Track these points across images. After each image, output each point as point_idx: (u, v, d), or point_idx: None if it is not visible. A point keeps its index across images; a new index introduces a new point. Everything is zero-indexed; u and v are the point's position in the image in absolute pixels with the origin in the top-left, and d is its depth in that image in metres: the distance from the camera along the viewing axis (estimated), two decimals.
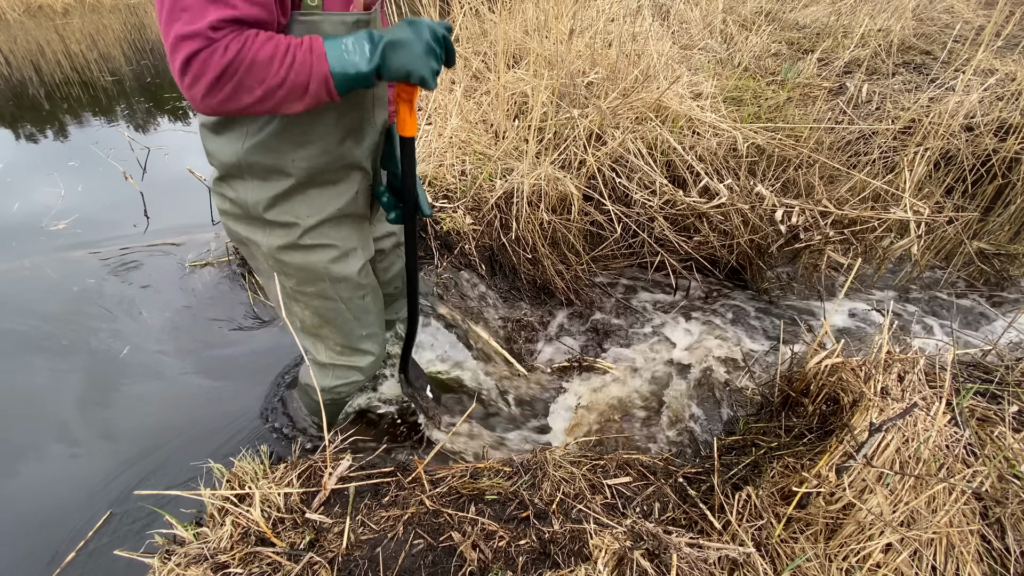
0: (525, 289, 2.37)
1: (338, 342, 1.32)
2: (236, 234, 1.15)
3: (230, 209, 1.10)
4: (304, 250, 1.13)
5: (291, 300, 1.23)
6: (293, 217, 1.08)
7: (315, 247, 1.13)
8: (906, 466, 1.17)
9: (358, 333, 1.32)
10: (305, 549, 1.07)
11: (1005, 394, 1.45)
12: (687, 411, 1.92)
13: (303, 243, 1.11)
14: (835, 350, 1.48)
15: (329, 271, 1.17)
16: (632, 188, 2.33)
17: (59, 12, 8.23)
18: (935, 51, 3.73)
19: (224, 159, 1.01)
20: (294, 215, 1.08)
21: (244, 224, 1.12)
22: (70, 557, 1.35)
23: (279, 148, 0.99)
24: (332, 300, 1.22)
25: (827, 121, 2.87)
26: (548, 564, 1.06)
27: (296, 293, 1.21)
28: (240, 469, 1.24)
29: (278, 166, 1.01)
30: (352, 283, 1.22)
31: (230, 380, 1.87)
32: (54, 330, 2.05)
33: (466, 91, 2.68)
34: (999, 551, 1.15)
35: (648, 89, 2.49)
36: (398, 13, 2.72)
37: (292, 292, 1.21)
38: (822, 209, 2.22)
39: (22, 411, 1.76)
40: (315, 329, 1.29)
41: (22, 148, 3.83)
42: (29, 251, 2.50)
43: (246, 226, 1.12)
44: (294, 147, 0.99)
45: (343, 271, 1.18)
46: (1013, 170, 2.72)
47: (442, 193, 2.29)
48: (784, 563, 1.08)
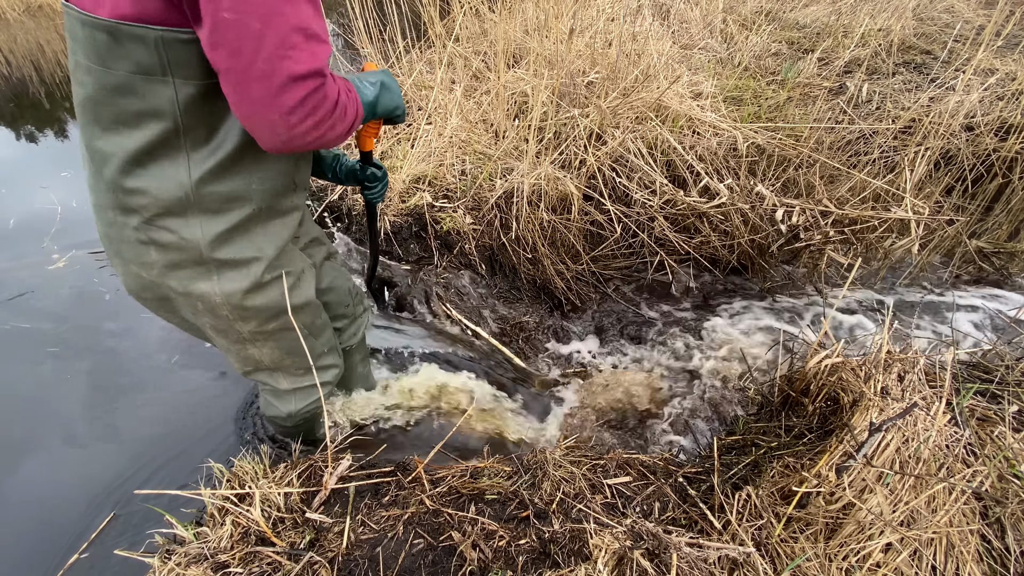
0: (525, 289, 2.37)
1: (300, 366, 1.23)
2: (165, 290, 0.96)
3: (160, 260, 0.91)
4: (266, 287, 1.01)
5: (247, 345, 1.10)
6: (254, 251, 0.96)
7: (274, 280, 1.02)
8: (906, 466, 1.17)
9: (320, 351, 1.27)
10: (305, 549, 1.08)
11: (1005, 394, 1.45)
12: (687, 411, 1.92)
13: (265, 280, 1.00)
14: (835, 350, 1.48)
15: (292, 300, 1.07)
16: (632, 188, 2.33)
17: (59, 12, 8.22)
18: (935, 51, 3.73)
19: (161, 195, 0.84)
20: (255, 249, 0.96)
21: (183, 275, 0.93)
22: (74, 558, 1.35)
23: (238, 171, 0.88)
24: (293, 330, 1.11)
25: (827, 121, 2.87)
26: (548, 564, 1.06)
27: (256, 335, 1.08)
28: (240, 469, 1.24)
29: (237, 192, 0.90)
30: (312, 307, 1.16)
31: (232, 379, 1.87)
32: (55, 330, 2.05)
33: (466, 91, 2.68)
34: (999, 551, 1.16)
35: (648, 89, 2.49)
36: (398, 13, 2.72)
37: (251, 335, 1.08)
38: (822, 209, 2.22)
39: (23, 411, 1.76)
40: (276, 363, 1.20)
41: (22, 147, 3.82)
42: (29, 251, 2.50)
43: (186, 278, 0.93)
44: (254, 167, 0.90)
45: (303, 297, 1.11)
46: (1013, 169, 2.72)
47: (442, 193, 2.29)
48: (784, 563, 1.08)
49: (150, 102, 0.78)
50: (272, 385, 1.27)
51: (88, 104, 0.80)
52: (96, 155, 0.84)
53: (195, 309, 1.00)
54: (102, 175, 0.85)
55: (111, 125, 0.81)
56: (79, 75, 0.78)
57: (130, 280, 0.99)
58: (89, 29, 0.73)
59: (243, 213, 0.92)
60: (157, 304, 1.04)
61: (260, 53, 0.69)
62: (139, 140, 0.80)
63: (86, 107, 0.81)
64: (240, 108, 0.75)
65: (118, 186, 0.84)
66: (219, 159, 0.85)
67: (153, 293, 1.00)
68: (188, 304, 0.99)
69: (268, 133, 0.76)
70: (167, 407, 1.77)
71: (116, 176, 0.84)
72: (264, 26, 0.68)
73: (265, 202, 0.94)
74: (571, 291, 2.37)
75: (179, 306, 1.02)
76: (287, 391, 1.29)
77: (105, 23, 0.71)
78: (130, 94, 0.77)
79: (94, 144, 0.83)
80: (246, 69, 0.70)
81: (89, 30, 0.73)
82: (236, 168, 0.88)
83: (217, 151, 0.85)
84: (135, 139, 0.80)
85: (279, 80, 0.71)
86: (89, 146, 0.84)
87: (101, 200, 0.88)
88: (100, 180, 0.86)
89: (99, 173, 0.86)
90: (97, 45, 0.74)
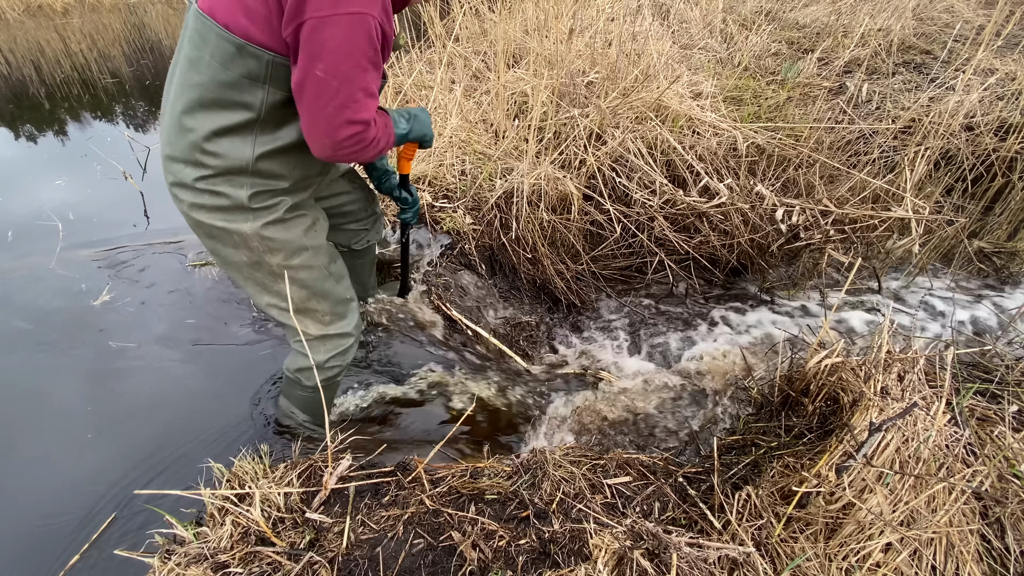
0: (525, 289, 2.37)
1: (327, 311, 1.40)
2: (211, 228, 1.21)
3: (211, 203, 1.17)
4: (286, 223, 1.25)
5: (278, 279, 1.30)
6: (276, 199, 1.23)
7: (294, 219, 1.27)
8: (906, 466, 1.17)
9: (343, 296, 1.43)
10: (305, 549, 1.08)
11: (1005, 394, 1.45)
12: (687, 411, 1.92)
13: (285, 217, 1.24)
14: (835, 350, 1.48)
15: (308, 239, 1.30)
16: (632, 188, 2.33)
17: (59, 12, 8.22)
18: (935, 51, 3.73)
19: (229, 161, 1.12)
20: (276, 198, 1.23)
21: (226, 216, 1.19)
22: (75, 559, 1.36)
23: (287, 158, 1.17)
24: (316, 268, 1.34)
25: (827, 121, 2.87)
26: (548, 564, 1.06)
27: (284, 268, 1.28)
28: (240, 469, 1.24)
29: (279, 172, 1.18)
30: (326, 249, 1.37)
31: (232, 379, 1.87)
32: (56, 330, 2.05)
33: (466, 91, 2.68)
34: (999, 551, 1.16)
35: (648, 89, 2.49)
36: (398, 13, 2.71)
37: (280, 268, 1.28)
38: (822, 208, 2.22)
39: (24, 412, 1.76)
40: (304, 303, 1.36)
41: (22, 147, 3.83)
42: (29, 250, 2.50)
43: (228, 218, 1.19)
44: (298, 157, 1.18)
45: (318, 239, 1.34)
46: (1013, 169, 2.72)
47: (442, 193, 2.29)
48: (784, 563, 1.08)
49: (247, 98, 1.06)
50: (304, 332, 1.39)
51: (199, 88, 1.05)
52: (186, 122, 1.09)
53: (234, 243, 1.23)
54: (185, 137, 1.10)
55: (210, 105, 1.06)
56: (200, 66, 1.03)
57: (187, 219, 1.22)
58: (222, 40, 0.99)
59: (279, 185, 1.20)
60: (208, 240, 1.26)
61: (332, 102, 1.01)
62: (227, 120, 1.07)
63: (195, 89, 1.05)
64: (306, 128, 1.06)
65: (199, 148, 1.10)
66: (276, 146, 1.13)
67: (203, 231, 1.23)
68: (228, 239, 1.23)
69: (319, 147, 1.08)
70: (168, 408, 1.77)
71: (199, 140, 1.09)
72: (340, 85, 0.99)
73: (294, 181, 1.23)
74: (571, 291, 2.37)
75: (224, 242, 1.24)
76: (316, 338, 1.41)
77: (237, 41, 0.99)
78: (235, 89, 1.04)
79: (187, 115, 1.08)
80: (320, 109, 1.01)
81: (222, 41, 0.99)
82: (285, 156, 1.16)
83: (276, 140, 1.13)
84: (224, 119, 1.07)
85: (339, 121, 1.03)
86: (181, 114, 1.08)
87: (176, 153, 1.13)
88: (181, 140, 1.11)
89: (182, 135, 1.10)
90: (223, 51, 1.00)
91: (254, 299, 1.38)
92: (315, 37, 0.95)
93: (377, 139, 1.14)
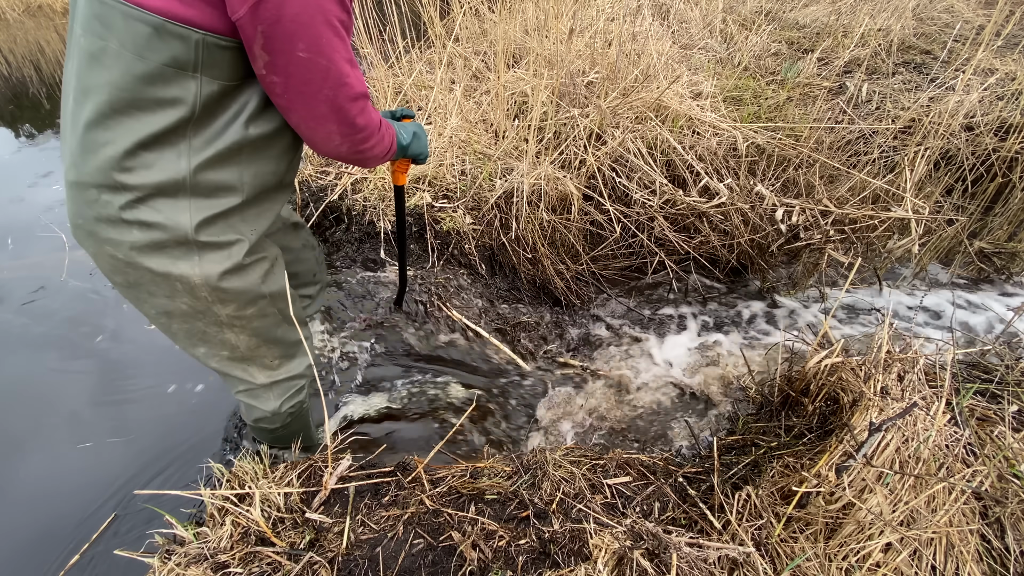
0: (525, 289, 2.37)
1: (276, 355, 1.23)
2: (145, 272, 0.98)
3: (142, 239, 0.94)
4: (244, 270, 1.05)
5: (224, 329, 1.10)
6: (236, 235, 1.01)
7: (253, 263, 1.07)
8: (906, 466, 1.17)
9: (293, 338, 1.26)
10: (305, 549, 1.08)
11: (1005, 394, 1.45)
12: (687, 411, 1.92)
13: (244, 263, 1.04)
14: (835, 349, 1.48)
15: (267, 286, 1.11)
16: (632, 188, 2.33)
17: (59, 12, 8.22)
18: (935, 51, 3.73)
19: (158, 177, 0.90)
20: (236, 232, 1.01)
21: (165, 256, 0.96)
22: (75, 559, 1.36)
23: (233, 163, 0.95)
24: (271, 316, 1.16)
25: (827, 121, 2.87)
26: (548, 564, 1.06)
27: (233, 320, 1.09)
28: (240, 469, 1.24)
29: (228, 183, 0.96)
30: (286, 294, 1.17)
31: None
32: (56, 330, 2.05)
33: (466, 91, 2.68)
34: (999, 551, 1.16)
35: (648, 89, 2.49)
36: (398, 13, 2.72)
37: (229, 319, 1.08)
38: (822, 208, 2.22)
39: (25, 412, 1.76)
40: (251, 351, 1.18)
41: (22, 147, 3.83)
42: (30, 250, 2.50)
43: (168, 258, 0.97)
44: (248, 162, 0.97)
45: (278, 284, 1.15)
46: (1013, 169, 2.72)
47: (442, 193, 2.29)
48: (784, 563, 1.08)
49: (175, 92, 0.84)
50: (248, 381, 1.23)
51: (107, 89, 0.84)
52: (96, 135, 0.87)
53: (173, 291, 1.01)
54: (97, 154, 0.88)
55: (126, 109, 0.85)
56: (105, 60, 0.82)
57: (103, 262, 1.00)
58: (132, 21, 0.78)
59: (231, 202, 0.98)
60: (127, 289, 1.04)
61: (327, 82, 0.87)
62: (151, 125, 0.86)
63: (102, 90, 0.84)
64: (304, 121, 0.91)
65: (117, 166, 0.88)
66: (218, 150, 0.91)
67: (125, 277, 1.00)
68: (166, 286, 1.00)
69: (325, 140, 0.94)
70: (168, 408, 1.77)
71: (118, 156, 0.87)
72: (328, 62, 0.85)
73: (252, 194, 1.00)
74: (571, 291, 2.37)
75: (153, 291, 1.01)
76: (264, 386, 1.25)
77: (153, 19, 0.78)
78: (159, 82, 0.83)
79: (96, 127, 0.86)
80: (315, 93, 0.87)
81: (132, 22, 0.78)
82: (231, 161, 0.94)
83: (215, 143, 0.91)
84: (147, 124, 0.86)
85: (342, 100, 0.90)
86: (87, 125, 0.87)
87: (87, 178, 0.90)
88: (92, 159, 0.88)
89: (93, 152, 0.88)
90: (135, 35, 0.79)
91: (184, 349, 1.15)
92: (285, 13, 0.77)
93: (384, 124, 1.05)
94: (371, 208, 2.23)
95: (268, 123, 0.95)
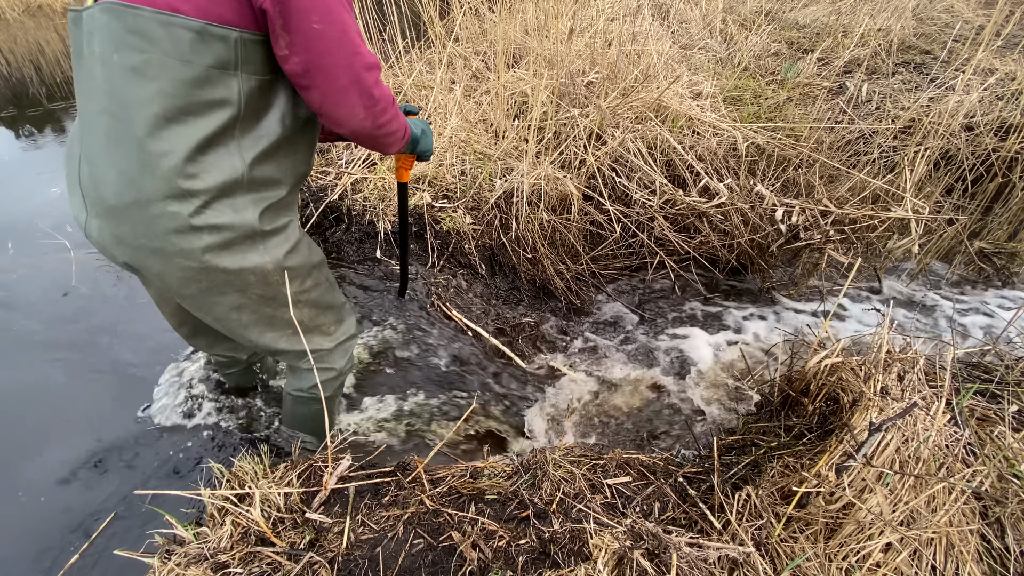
0: (525, 289, 2.37)
1: (332, 320, 1.34)
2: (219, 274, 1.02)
3: (217, 241, 0.98)
4: (298, 247, 1.15)
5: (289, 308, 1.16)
6: (287, 217, 1.11)
7: (301, 239, 1.17)
8: (906, 466, 1.17)
9: (341, 301, 1.37)
10: (305, 549, 1.08)
11: (1005, 394, 1.45)
12: (687, 411, 1.92)
13: (300, 238, 1.15)
14: (835, 349, 1.48)
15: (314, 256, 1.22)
16: (632, 188, 2.33)
17: (59, 12, 8.22)
18: (935, 51, 3.73)
19: (220, 179, 0.94)
20: (287, 215, 1.12)
21: (239, 252, 1.02)
22: (75, 558, 1.36)
23: (279, 158, 1.02)
24: (322, 284, 1.26)
25: (827, 121, 2.87)
26: (548, 564, 1.06)
27: (298, 296, 1.18)
28: (240, 469, 1.24)
29: (277, 177, 1.03)
30: (324, 260, 1.28)
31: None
32: (57, 330, 2.05)
33: (466, 91, 2.68)
34: (999, 551, 1.16)
35: (648, 89, 2.49)
36: (398, 13, 2.72)
37: (295, 295, 1.17)
38: (822, 208, 2.22)
39: (25, 411, 1.76)
40: (312, 321, 1.27)
41: (22, 147, 3.83)
42: (30, 251, 2.50)
43: (242, 253, 1.02)
44: (290, 156, 1.04)
45: (318, 253, 1.25)
46: (1013, 169, 2.72)
47: (442, 193, 2.29)
48: (784, 563, 1.08)
49: (222, 92, 0.89)
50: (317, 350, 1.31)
51: (160, 99, 0.86)
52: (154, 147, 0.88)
53: (246, 284, 1.07)
54: (158, 167, 0.89)
55: (179, 115, 0.88)
56: (152, 71, 0.85)
57: (172, 276, 1.02)
58: (175, 28, 0.82)
59: (279, 194, 1.05)
60: (198, 297, 1.06)
61: (343, 51, 0.89)
62: (205, 128, 0.90)
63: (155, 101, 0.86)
64: (327, 97, 0.92)
65: (181, 173, 0.90)
66: (264, 147, 0.97)
67: (198, 285, 1.04)
68: (239, 281, 1.06)
69: (349, 115, 0.96)
70: (169, 408, 1.77)
71: (180, 165, 0.90)
72: (341, 32, 0.88)
73: (292, 183, 1.09)
74: (571, 291, 2.37)
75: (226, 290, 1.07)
76: (329, 351, 1.34)
77: (196, 23, 0.82)
78: (207, 85, 0.87)
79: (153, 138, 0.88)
80: (333, 65, 0.89)
81: (175, 29, 0.82)
82: (276, 155, 1.01)
83: (261, 139, 0.97)
84: (202, 127, 0.89)
85: (358, 69, 0.92)
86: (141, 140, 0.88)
87: (149, 193, 0.91)
88: (153, 172, 0.90)
89: (151, 166, 0.89)
90: (179, 42, 0.83)
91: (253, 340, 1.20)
92: None
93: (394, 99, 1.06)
94: (371, 208, 2.23)
95: (297, 119, 1.01)
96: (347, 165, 2.40)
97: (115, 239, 0.98)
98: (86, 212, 1.00)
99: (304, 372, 1.38)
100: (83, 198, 0.99)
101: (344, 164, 2.41)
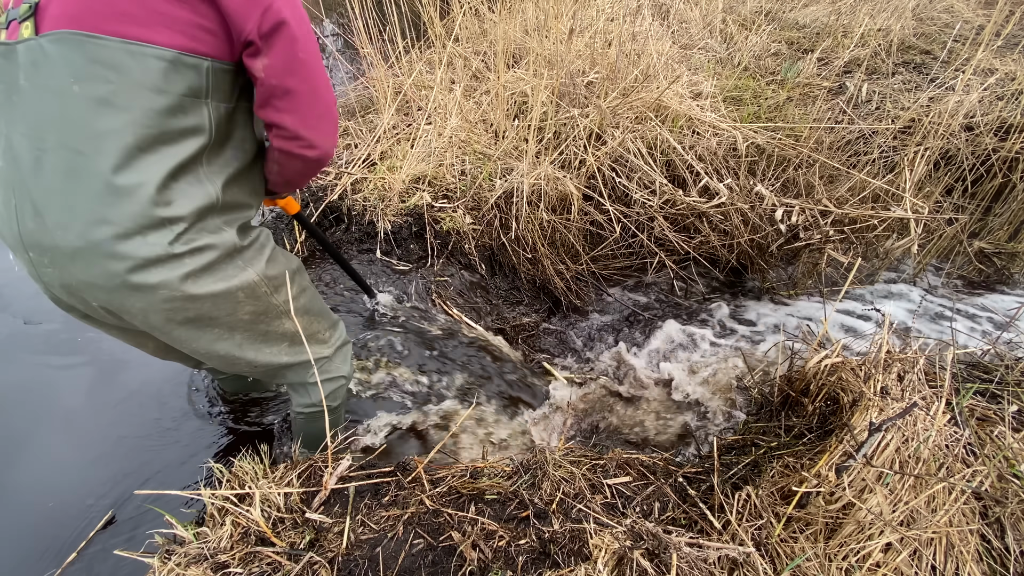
0: (525, 289, 2.37)
1: (325, 326, 1.33)
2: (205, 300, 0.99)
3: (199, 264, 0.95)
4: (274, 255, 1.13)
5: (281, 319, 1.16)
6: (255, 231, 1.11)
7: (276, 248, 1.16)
8: (906, 466, 1.17)
9: (325, 306, 1.36)
10: (305, 549, 1.08)
11: (1005, 394, 1.45)
12: (687, 411, 1.92)
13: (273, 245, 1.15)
14: (835, 350, 1.48)
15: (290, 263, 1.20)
16: (632, 188, 2.33)
17: None
18: (935, 51, 3.73)
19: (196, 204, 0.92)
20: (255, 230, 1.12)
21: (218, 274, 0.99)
22: (72, 556, 1.35)
23: (243, 181, 1.04)
24: (307, 288, 1.26)
25: (827, 121, 2.87)
26: (548, 564, 1.06)
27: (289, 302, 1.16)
28: (240, 469, 1.24)
29: (245, 200, 1.06)
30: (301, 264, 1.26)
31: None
32: (57, 330, 2.05)
33: (466, 91, 2.68)
34: (999, 551, 1.16)
35: (648, 89, 2.49)
36: (398, 13, 2.71)
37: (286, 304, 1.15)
38: (822, 208, 2.22)
39: (25, 411, 1.76)
40: (307, 328, 1.24)
41: None
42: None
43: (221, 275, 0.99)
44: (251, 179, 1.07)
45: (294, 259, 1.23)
46: (1013, 169, 2.72)
47: (442, 193, 2.29)
48: (784, 563, 1.08)
49: (194, 120, 0.90)
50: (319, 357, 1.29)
51: (131, 129, 0.84)
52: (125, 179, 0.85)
53: (235, 303, 1.04)
54: (132, 198, 0.86)
55: (152, 144, 0.86)
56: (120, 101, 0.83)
57: (156, 313, 0.97)
58: (147, 59, 0.82)
59: (250, 213, 1.08)
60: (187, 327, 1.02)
61: (321, 79, 0.97)
62: (177, 156, 0.89)
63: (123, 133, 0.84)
64: (307, 119, 0.97)
65: (157, 202, 0.88)
66: (232, 171, 1.00)
67: (184, 315, 0.99)
68: (227, 303, 1.03)
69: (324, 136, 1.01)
70: (169, 407, 1.77)
71: (153, 194, 0.87)
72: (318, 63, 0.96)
73: (257, 203, 1.12)
74: (571, 291, 2.37)
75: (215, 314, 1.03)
76: (329, 357, 1.33)
77: (169, 53, 0.83)
78: (180, 113, 0.87)
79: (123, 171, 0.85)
80: (314, 90, 0.96)
81: (146, 59, 0.82)
82: (241, 179, 1.03)
83: (229, 164, 0.99)
84: (174, 155, 0.89)
85: (331, 98, 1.01)
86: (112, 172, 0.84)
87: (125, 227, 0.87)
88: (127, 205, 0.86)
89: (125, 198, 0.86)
90: (151, 71, 0.83)
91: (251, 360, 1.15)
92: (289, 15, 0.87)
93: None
94: (371, 208, 2.23)
95: (255, 144, 1.06)
96: (347, 165, 2.40)
97: (84, 285, 0.92)
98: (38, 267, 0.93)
99: (311, 386, 1.33)
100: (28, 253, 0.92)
101: (344, 164, 2.41)
